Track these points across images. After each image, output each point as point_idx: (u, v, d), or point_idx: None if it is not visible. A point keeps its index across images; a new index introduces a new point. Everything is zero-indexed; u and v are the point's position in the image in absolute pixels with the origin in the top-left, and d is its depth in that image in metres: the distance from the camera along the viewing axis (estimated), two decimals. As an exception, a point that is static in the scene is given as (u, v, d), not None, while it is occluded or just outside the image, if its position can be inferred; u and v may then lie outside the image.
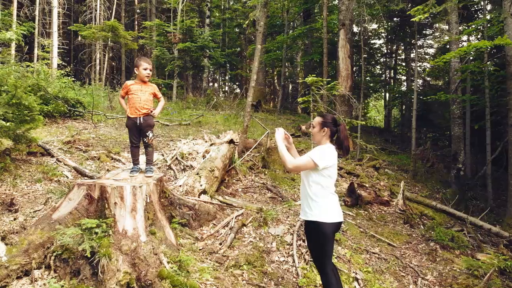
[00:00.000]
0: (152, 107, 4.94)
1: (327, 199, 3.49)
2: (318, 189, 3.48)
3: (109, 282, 3.69)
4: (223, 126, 11.37)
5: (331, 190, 3.53)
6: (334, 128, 3.58)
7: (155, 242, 4.07)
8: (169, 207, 5.00)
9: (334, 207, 3.52)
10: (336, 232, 3.62)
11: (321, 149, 3.49)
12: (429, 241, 6.16)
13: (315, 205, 3.49)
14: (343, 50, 12.30)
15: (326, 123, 3.60)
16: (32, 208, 4.68)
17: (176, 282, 3.81)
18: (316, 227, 3.49)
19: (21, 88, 5.25)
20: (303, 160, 3.45)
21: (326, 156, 3.42)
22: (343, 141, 3.56)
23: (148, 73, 4.83)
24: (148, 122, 4.87)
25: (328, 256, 3.56)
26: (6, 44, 30.05)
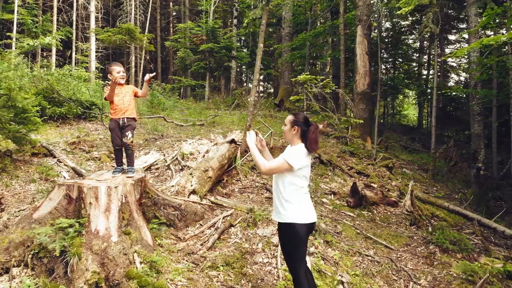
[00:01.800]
0: (135, 109, 5.02)
1: (301, 200, 3.42)
2: (293, 190, 3.42)
3: (77, 281, 3.74)
4: (237, 126, 11.35)
5: (305, 190, 3.47)
6: (305, 127, 3.51)
7: (126, 243, 4.09)
8: (153, 207, 5.02)
9: (308, 208, 3.45)
10: (309, 233, 3.53)
11: (294, 150, 3.43)
12: (429, 244, 5.90)
13: (289, 206, 3.43)
14: (360, 47, 12.02)
15: (297, 122, 3.53)
16: (18, 207, 4.83)
17: (144, 282, 3.81)
18: (289, 228, 3.43)
19: (15, 91, 5.37)
20: (277, 163, 3.41)
21: (300, 156, 3.37)
22: (311, 142, 3.47)
23: (122, 75, 4.93)
24: (130, 123, 4.93)
25: (301, 258, 3.49)
26: (47, 48, 31.40)
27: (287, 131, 3.62)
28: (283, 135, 3.81)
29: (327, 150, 9.98)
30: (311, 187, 7.53)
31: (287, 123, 3.60)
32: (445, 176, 11.14)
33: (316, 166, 8.71)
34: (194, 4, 33.57)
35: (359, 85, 12.00)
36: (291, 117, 3.61)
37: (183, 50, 18.49)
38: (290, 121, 3.57)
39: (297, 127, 3.51)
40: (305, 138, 3.50)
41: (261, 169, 3.45)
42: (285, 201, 3.45)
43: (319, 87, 5.78)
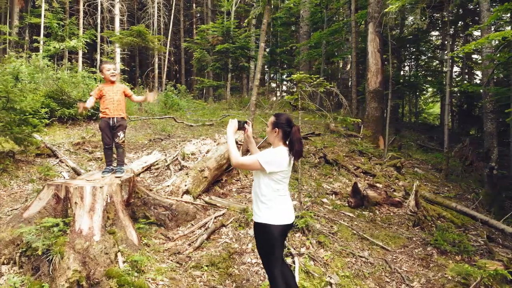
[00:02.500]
0: (124, 108, 5.09)
1: (276, 201, 3.35)
2: (268, 191, 3.35)
3: (59, 279, 3.81)
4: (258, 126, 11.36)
5: (281, 192, 3.39)
6: (287, 129, 3.39)
7: (108, 242, 4.15)
8: (143, 207, 5.08)
9: (284, 209, 3.38)
10: (285, 235, 3.48)
11: (271, 153, 3.34)
12: (427, 245, 5.75)
13: (264, 207, 3.37)
14: (372, 44, 11.82)
15: (278, 123, 3.42)
16: (11, 206, 4.96)
17: (123, 281, 3.86)
18: (263, 229, 3.38)
19: (13, 94, 5.51)
20: (249, 160, 3.34)
21: (275, 160, 3.28)
22: (294, 143, 3.35)
23: (112, 72, 5.02)
24: (120, 123, 4.99)
25: (276, 259, 3.44)
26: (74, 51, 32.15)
27: (269, 133, 3.51)
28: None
29: (335, 150, 9.87)
30: (312, 187, 7.47)
31: (269, 124, 3.50)
32: (460, 176, 10.84)
33: (321, 165, 8.63)
34: (216, 4, 33.72)
35: (371, 83, 11.81)
36: (272, 119, 3.50)
37: (199, 51, 18.64)
38: (271, 123, 3.47)
39: (278, 129, 3.41)
40: (287, 140, 3.40)
41: (232, 160, 3.36)
42: (260, 202, 3.40)
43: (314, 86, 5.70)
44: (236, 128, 3.56)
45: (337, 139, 12.02)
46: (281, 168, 3.31)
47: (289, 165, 3.39)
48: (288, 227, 3.45)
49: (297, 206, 6.07)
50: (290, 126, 3.41)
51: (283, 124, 3.40)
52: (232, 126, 3.51)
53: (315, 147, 9.87)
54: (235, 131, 3.55)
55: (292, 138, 3.36)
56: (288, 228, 3.47)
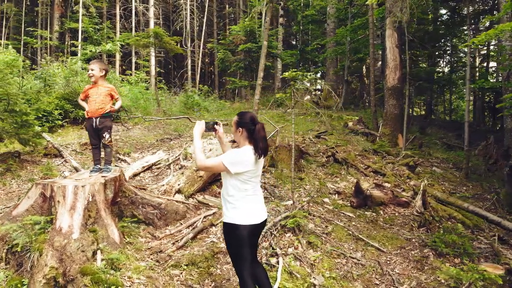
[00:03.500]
0: (107, 104, 5.12)
1: (244, 201, 3.30)
2: (235, 191, 3.30)
3: (37, 275, 3.90)
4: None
5: (250, 192, 3.33)
6: (252, 127, 3.32)
7: (86, 240, 4.22)
8: (130, 206, 5.14)
9: (252, 208, 3.33)
10: (255, 235, 3.42)
11: (235, 153, 3.28)
12: (425, 247, 5.52)
13: (230, 207, 3.33)
14: (390, 40, 11.50)
15: (241, 122, 3.37)
16: (5, 205, 5.14)
17: (97, 278, 3.91)
18: (231, 229, 3.34)
19: (14, 96, 5.71)
20: (214, 162, 3.28)
21: (239, 161, 3.23)
22: (258, 142, 3.28)
23: (89, 73, 5.06)
24: (104, 124, 5.05)
25: (245, 260, 3.39)
26: (111, 54, 33.10)
27: (234, 133, 3.47)
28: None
29: (348, 149, 9.67)
30: (315, 186, 7.35)
31: (233, 124, 3.45)
32: (483, 175, 10.36)
33: (330, 165, 8.48)
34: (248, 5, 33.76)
35: (389, 80, 11.50)
36: (235, 118, 3.44)
37: (222, 52, 18.77)
38: (235, 123, 3.42)
39: (241, 128, 3.36)
40: (252, 138, 3.33)
41: (196, 163, 3.34)
42: (228, 202, 3.36)
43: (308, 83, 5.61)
44: (203, 130, 3.51)
45: (354, 137, 11.79)
46: (247, 168, 3.25)
47: (255, 164, 3.31)
48: (257, 227, 3.38)
49: (290, 206, 5.98)
50: (254, 124, 3.33)
51: (247, 123, 3.34)
52: (199, 128, 3.47)
53: (327, 146, 9.71)
54: (201, 133, 3.52)
55: (256, 136, 3.29)
56: (257, 228, 3.39)
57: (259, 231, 3.51)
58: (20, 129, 6.33)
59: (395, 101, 11.49)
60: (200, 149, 3.37)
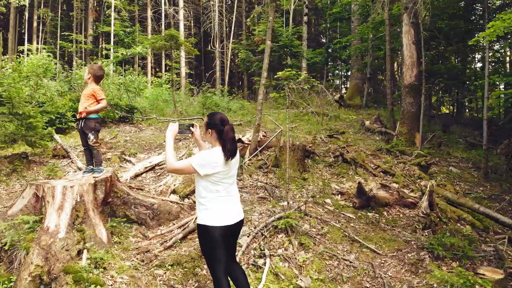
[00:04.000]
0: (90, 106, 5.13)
1: (215, 202, 3.29)
2: (207, 193, 3.30)
3: (23, 273, 4.03)
4: (274, 125, 11.26)
5: (222, 193, 3.32)
6: (221, 128, 3.30)
7: (71, 239, 4.32)
8: (122, 206, 5.23)
9: (225, 209, 3.32)
10: (228, 236, 3.39)
11: (204, 155, 3.27)
12: (423, 250, 5.35)
13: (202, 209, 3.34)
14: (407, 36, 11.22)
15: (210, 124, 3.36)
16: (4, 204, 5.32)
17: (79, 277, 4.00)
18: (203, 230, 3.34)
19: (17, 99, 5.91)
20: (183, 164, 3.27)
21: (208, 162, 3.22)
22: (226, 142, 3.28)
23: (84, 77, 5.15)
24: (88, 125, 5.11)
25: (218, 261, 3.37)
26: (144, 57, 33.79)
27: (204, 135, 3.46)
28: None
29: (359, 148, 9.50)
30: (318, 186, 7.26)
31: (203, 126, 3.45)
32: (504, 175, 9.95)
33: (338, 165, 8.35)
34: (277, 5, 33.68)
35: (406, 77, 11.22)
36: (205, 120, 3.45)
37: (243, 52, 18.83)
38: (204, 124, 3.41)
39: (211, 129, 3.35)
40: (221, 139, 3.31)
41: (167, 166, 3.36)
42: (200, 204, 3.37)
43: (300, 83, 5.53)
44: (175, 132, 3.53)
45: (370, 136, 11.58)
46: (216, 169, 3.23)
47: (226, 165, 3.29)
48: (230, 228, 3.34)
49: (284, 207, 5.93)
50: (223, 125, 3.31)
51: (217, 124, 3.32)
52: (171, 130, 3.48)
53: (338, 145, 9.57)
54: (174, 135, 3.52)
55: (224, 137, 3.28)
56: (231, 229, 3.36)
57: (234, 232, 3.48)
58: (28, 131, 6.54)
59: (412, 99, 11.20)
60: (171, 151, 3.36)
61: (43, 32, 42.77)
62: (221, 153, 3.25)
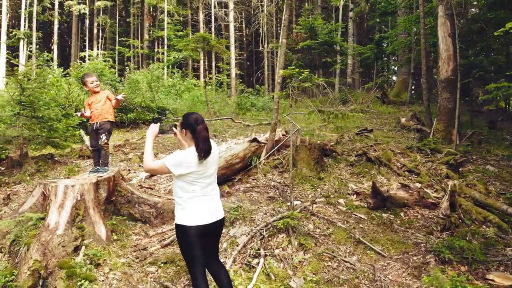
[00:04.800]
0: (111, 112, 5.47)
1: (191, 201, 3.32)
2: (182, 193, 3.34)
3: (23, 267, 4.28)
4: (305, 124, 11.14)
5: (198, 193, 3.33)
6: (195, 127, 3.31)
7: (68, 236, 4.52)
8: (127, 205, 5.39)
9: (200, 209, 3.33)
10: (205, 236, 3.39)
11: (177, 155, 3.31)
12: (430, 253, 5.09)
13: (179, 208, 3.38)
14: (442, 29, 10.69)
15: (185, 123, 3.39)
16: (19, 202, 5.65)
17: (72, 272, 4.18)
18: (179, 230, 3.39)
19: (40, 103, 6.26)
20: (157, 164, 3.32)
21: (181, 162, 3.25)
22: (199, 142, 3.28)
23: (95, 84, 5.41)
24: (103, 126, 5.38)
25: (195, 260, 3.40)
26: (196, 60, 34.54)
27: (180, 135, 3.52)
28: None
29: (388, 146, 9.17)
30: (334, 186, 7.10)
31: (179, 126, 3.51)
32: (551, 173, 9.22)
33: (360, 164, 8.11)
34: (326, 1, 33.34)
35: (442, 72, 10.68)
36: (181, 120, 3.50)
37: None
38: (180, 124, 3.46)
39: (185, 129, 3.38)
40: (195, 138, 3.32)
41: (144, 165, 3.44)
42: (177, 203, 3.41)
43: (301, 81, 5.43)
44: (155, 132, 3.59)
45: (404, 134, 11.16)
46: (190, 169, 3.25)
47: (200, 165, 3.28)
48: (206, 228, 3.33)
49: (290, 206, 5.85)
50: (197, 124, 3.32)
51: (191, 124, 3.33)
52: (152, 131, 3.55)
53: (366, 144, 9.30)
54: (154, 135, 3.59)
55: (197, 136, 3.28)
56: (207, 229, 3.35)
57: (211, 232, 3.46)
58: (52, 133, 6.92)
59: (449, 94, 10.65)
60: (149, 151, 3.42)
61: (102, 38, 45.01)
62: (195, 152, 3.27)
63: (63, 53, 44.76)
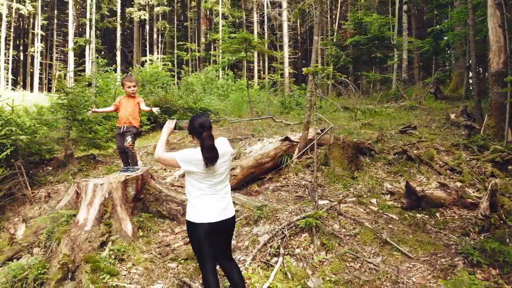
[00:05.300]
0: (137, 117, 5.70)
1: (200, 199, 3.39)
2: (192, 189, 3.42)
3: (53, 260, 4.58)
4: (346, 122, 10.93)
5: (206, 191, 3.39)
6: (200, 134, 3.31)
7: (95, 232, 4.76)
8: (155, 202, 5.58)
9: (209, 207, 3.38)
10: (213, 234, 3.44)
11: (189, 151, 3.38)
12: (460, 255, 4.83)
13: (189, 205, 3.47)
14: (492, 19, 10.06)
15: (190, 129, 3.43)
16: (58, 200, 6.01)
17: (96, 266, 4.41)
18: (188, 226, 3.50)
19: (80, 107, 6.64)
20: (169, 156, 3.41)
21: (190, 159, 3.30)
22: (203, 150, 3.27)
23: (132, 89, 5.65)
24: (129, 130, 5.61)
25: (204, 258, 3.48)
26: (250, 61, 35.13)
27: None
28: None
29: (431, 144, 8.79)
30: (368, 186, 6.92)
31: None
32: None
33: (399, 162, 7.84)
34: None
35: (493, 64, 10.05)
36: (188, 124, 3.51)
37: (330, 47, 18.52)
38: (187, 128, 3.50)
39: (192, 135, 3.45)
40: (201, 145, 3.32)
41: (155, 154, 3.51)
42: (188, 200, 3.53)
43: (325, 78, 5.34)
44: (171, 128, 3.70)
45: (453, 131, 10.64)
46: (198, 168, 3.30)
47: (206, 167, 3.32)
48: (213, 226, 3.38)
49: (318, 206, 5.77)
50: (202, 131, 3.31)
51: (196, 129, 3.35)
52: (167, 127, 3.67)
53: (408, 142, 8.98)
54: (170, 131, 3.70)
55: (202, 144, 3.30)
56: (215, 227, 3.40)
57: (219, 230, 3.49)
58: (93, 135, 7.30)
59: (500, 87, 10.02)
60: (162, 143, 3.53)
61: (162, 43, 46.76)
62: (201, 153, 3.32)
63: (126, 58, 46.94)
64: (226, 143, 3.55)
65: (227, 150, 3.49)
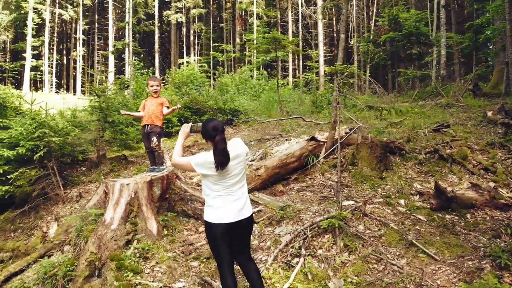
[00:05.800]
0: (160, 116, 5.82)
1: (216, 200, 3.46)
2: (209, 191, 3.49)
3: (81, 258, 4.76)
4: (378, 121, 10.74)
5: (221, 193, 3.45)
6: (213, 138, 3.37)
7: (121, 231, 4.90)
8: (180, 202, 5.68)
9: (225, 208, 3.43)
10: (229, 234, 3.48)
11: (203, 155, 3.43)
12: (487, 257, 4.66)
13: (206, 206, 3.54)
14: (531, 12, 9.69)
15: (203, 133, 3.49)
16: (89, 199, 6.22)
17: (121, 264, 4.55)
18: (206, 227, 3.57)
19: (111, 109, 6.85)
20: (184, 161, 3.48)
21: (204, 163, 3.36)
22: (215, 155, 3.32)
23: (154, 89, 5.77)
24: (153, 129, 5.73)
25: (221, 257, 3.54)
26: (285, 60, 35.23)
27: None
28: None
29: (466, 143, 8.51)
30: (397, 186, 6.77)
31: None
32: None
33: (430, 162, 7.64)
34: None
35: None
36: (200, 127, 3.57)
37: (363, 44, 18.25)
38: (200, 132, 3.56)
39: (205, 138, 3.51)
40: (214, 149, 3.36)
41: (171, 159, 3.62)
42: (205, 201, 3.59)
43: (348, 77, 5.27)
44: (186, 132, 3.77)
45: (490, 129, 10.25)
46: (211, 171, 3.35)
47: (217, 170, 3.35)
48: (230, 226, 3.43)
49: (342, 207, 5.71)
50: (215, 135, 3.35)
51: (208, 132, 3.41)
52: (183, 131, 3.73)
53: (442, 141, 8.73)
54: (186, 134, 3.77)
55: (214, 148, 3.35)
56: (229, 228, 3.44)
57: (235, 231, 3.51)
58: (125, 136, 7.51)
59: (541, 84, 9.60)
60: (179, 147, 3.61)
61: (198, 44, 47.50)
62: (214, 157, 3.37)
63: (165, 60, 47.97)
64: (241, 144, 3.58)
65: (241, 151, 3.51)
